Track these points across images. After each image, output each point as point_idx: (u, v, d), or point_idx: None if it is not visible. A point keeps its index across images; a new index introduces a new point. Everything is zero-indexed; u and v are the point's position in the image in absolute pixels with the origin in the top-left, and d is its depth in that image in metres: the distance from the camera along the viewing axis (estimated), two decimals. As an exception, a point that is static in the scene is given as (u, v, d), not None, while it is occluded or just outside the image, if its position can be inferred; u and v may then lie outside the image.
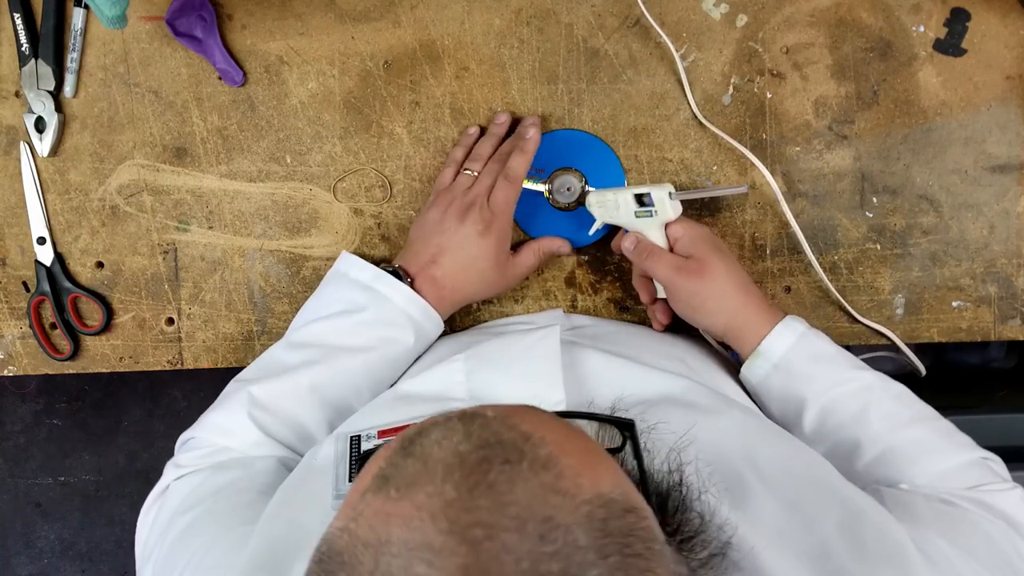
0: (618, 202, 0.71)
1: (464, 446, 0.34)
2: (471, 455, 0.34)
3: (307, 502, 0.54)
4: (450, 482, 0.33)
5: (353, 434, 0.58)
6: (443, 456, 0.34)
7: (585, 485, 0.34)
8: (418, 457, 0.34)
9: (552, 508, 0.32)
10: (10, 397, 1.78)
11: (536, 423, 0.36)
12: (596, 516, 0.33)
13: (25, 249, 0.82)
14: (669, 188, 0.69)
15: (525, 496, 0.32)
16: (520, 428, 0.36)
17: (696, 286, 0.67)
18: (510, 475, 0.33)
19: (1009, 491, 0.60)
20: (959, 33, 0.75)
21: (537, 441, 0.35)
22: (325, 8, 0.78)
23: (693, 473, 0.48)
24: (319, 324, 0.70)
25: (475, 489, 0.32)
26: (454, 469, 0.33)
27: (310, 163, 0.80)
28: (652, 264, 0.69)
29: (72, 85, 0.80)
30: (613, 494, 0.34)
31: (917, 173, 0.77)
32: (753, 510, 0.47)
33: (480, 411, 0.37)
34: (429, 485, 0.33)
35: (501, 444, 0.34)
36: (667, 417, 0.53)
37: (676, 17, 0.76)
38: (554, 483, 0.33)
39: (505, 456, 0.34)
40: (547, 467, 0.34)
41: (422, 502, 0.32)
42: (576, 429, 0.39)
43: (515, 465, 0.33)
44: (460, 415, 0.37)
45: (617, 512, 0.34)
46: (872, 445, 0.64)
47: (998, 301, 0.77)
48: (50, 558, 1.79)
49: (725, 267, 0.67)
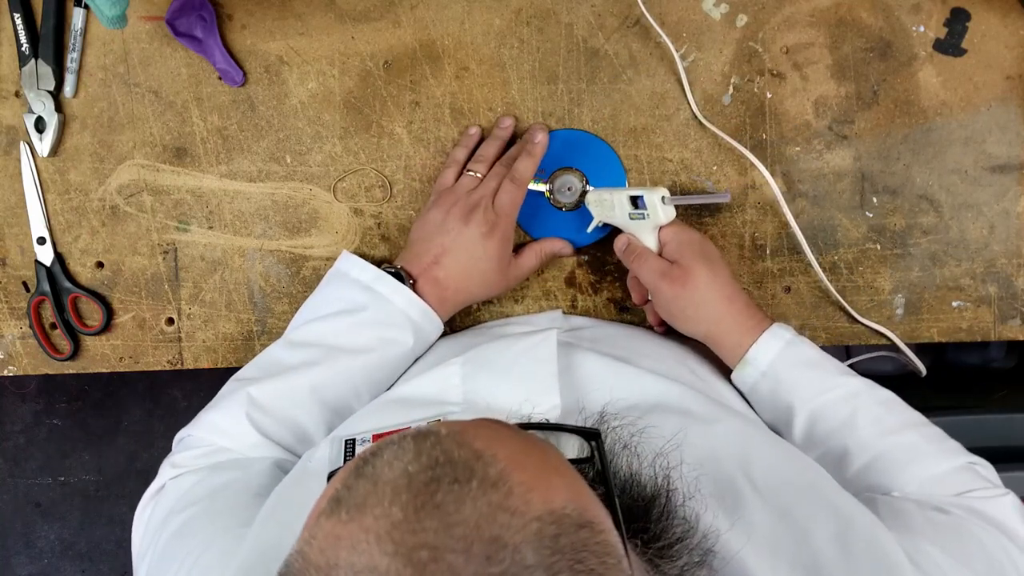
0: (614, 203, 0.71)
1: (413, 466, 0.34)
2: (419, 475, 0.34)
3: (301, 506, 0.53)
4: (397, 503, 0.33)
5: (348, 438, 0.58)
6: (392, 477, 0.34)
7: (535, 501, 0.33)
8: (369, 478, 0.34)
9: (500, 527, 0.32)
10: (10, 397, 1.78)
11: (491, 439, 0.36)
12: (546, 533, 0.33)
13: (25, 249, 0.82)
14: (663, 192, 0.69)
15: (473, 516, 0.32)
16: (472, 446, 0.35)
17: (677, 292, 0.67)
18: (458, 495, 0.33)
19: (1001, 497, 0.60)
20: (959, 33, 0.75)
21: (488, 459, 0.35)
22: (325, 8, 0.78)
23: (679, 478, 0.48)
24: (318, 323, 0.70)
25: (422, 510, 0.32)
26: (402, 490, 0.33)
27: (310, 163, 0.80)
28: (638, 267, 0.70)
29: (72, 85, 0.80)
30: (566, 509, 0.34)
31: (917, 173, 0.77)
32: (745, 518, 0.47)
33: (434, 429, 0.37)
34: (377, 507, 0.33)
35: (451, 463, 0.34)
36: (658, 422, 0.53)
37: (676, 17, 0.76)
38: (503, 501, 0.33)
39: (454, 475, 0.34)
40: (497, 485, 0.33)
41: (369, 524, 0.32)
42: (535, 441, 0.39)
43: (464, 484, 0.33)
44: (415, 433, 0.37)
45: (569, 528, 0.33)
46: (861, 452, 0.64)
47: (998, 301, 0.77)
48: (50, 558, 1.79)
49: (708, 275, 0.67)
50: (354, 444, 0.57)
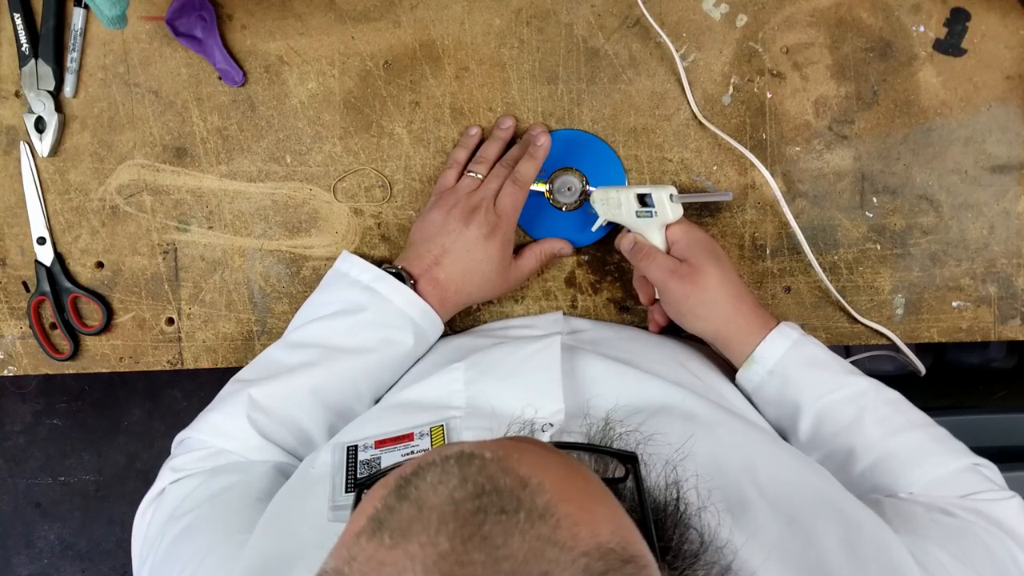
0: (620, 200, 0.71)
1: (459, 492, 0.34)
2: (466, 503, 0.33)
3: (303, 513, 0.54)
4: (444, 533, 0.32)
5: (350, 444, 0.57)
6: (438, 503, 0.33)
7: (583, 535, 0.33)
8: (413, 501, 0.34)
9: (548, 563, 0.31)
10: (10, 397, 1.78)
11: (535, 464, 0.36)
12: (593, 570, 0.32)
13: (25, 249, 0.82)
14: (671, 190, 0.69)
15: (521, 550, 0.32)
16: (518, 472, 0.35)
17: (687, 291, 0.67)
18: (506, 526, 0.32)
19: (1007, 500, 0.60)
20: (959, 33, 0.75)
21: (535, 487, 0.34)
22: (325, 8, 0.78)
23: (692, 489, 0.47)
24: (318, 324, 0.70)
25: (469, 542, 0.32)
26: (448, 519, 0.33)
27: (310, 163, 0.80)
28: (646, 265, 0.70)
29: (72, 85, 0.80)
30: (612, 543, 0.34)
31: (917, 173, 0.77)
32: (753, 525, 0.47)
33: (478, 451, 0.36)
34: (423, 535, 0.32)
35: (497, 491, 0.34)
36: (665, 428, 0.53)
37: (676, 17, 0.76)
38: (551, 535, 0.32)
39: (501, 505, 0.33)
40: (544, 517, 0.33)
41: (415, 552, 0.32)
42: (576, 465, 0.38)
43: (511, 515, 0.33)
44: (457, 456, 0.36)
45: (615, 564, 0.33)
46: (867, 452, 0.63)
47: (998, 301, 0.77)
48: (50, 558, 1.79)
49: (718, 274, 0.67)
50: (356, 450, 0.57)
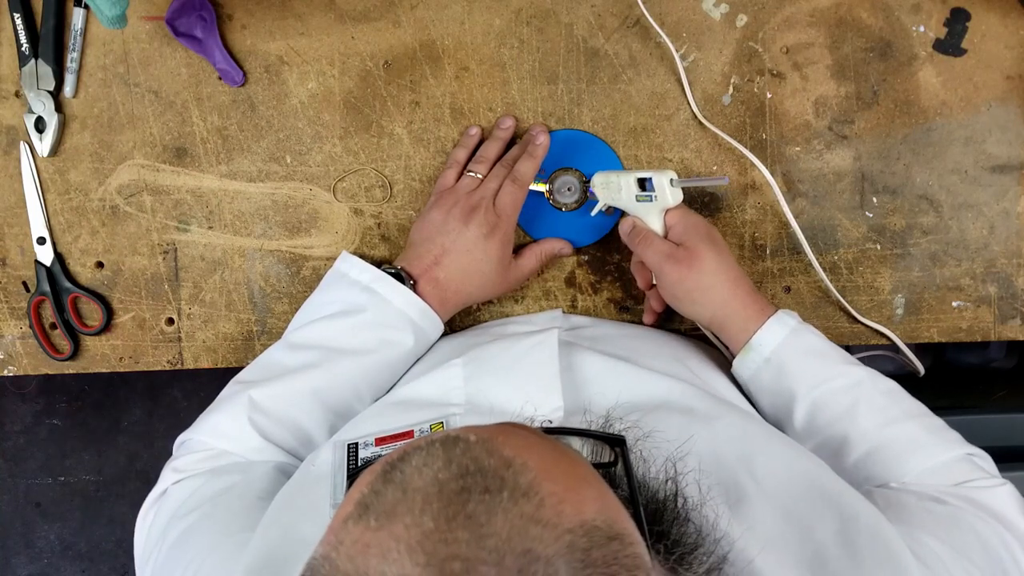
0: (620, 184, 0.70)
1: (444, 474, 0.34)
2: (450, 483, 0.33)
3: (305, 511, 0.54)
4: (428, 513, 0.32)
5: (351, 441, 0.58)
6: (422, 484, 0.34)
7: (567, 513, 0.33)
8: (398, 484, 0.34)
9: (532, 540, 0.32)
10: (10, 397, 1.78)
11: (520, 446, 0.36)
12: (578, 546, 0.32)
13: (25, 249, 0.82)
14: (671, 174, 0.69)
15: (504, 527, 0.32)
16: (502, 453, 0.35)
17: (683, 275, 0.67)
18: (489, 505, 0.33)
19: (999, 487, 0.60)
20: (959, 33, 0.75)
21: (519, 467, 0.34)
22: (325, 8, 0.78)
23: (692, 483, 0.47)
24: (318, 325, 0.70)
25: (453, 520, 0.32)
26: (433, 499, 0.33)
27: (310, 163, 0.80)
28: (643, 249, 0.69)
29: (72, 85, 0.80)
30: (597, 521, 0.34)
31: (917, 173, 0.77)
32: (750, 518, 0.47)
33: (463, 434, 0.36)
34: (408, 516, 0.33)
35: (481, 472, 0.34)
36: (664, 424, 0.53)
37: (676, 17, 0.76)
38: (535, 513, 0.33)
39: (485, 485, 0.33)
40: (528, 495, 0.33)
41: (400, 533, 0.32)
42: (563, 449, 0.38)
43: (495, 494, 0.33)
44: (443, 439, 0.36)
45: (600, 540, 0.33)
46: (861, 441, 0.63)
47: (998, 301, 0.77)
48: (50, 558, 1.79)
49: (715, 259, 0.67)
50: (357, 448, 0.57)
